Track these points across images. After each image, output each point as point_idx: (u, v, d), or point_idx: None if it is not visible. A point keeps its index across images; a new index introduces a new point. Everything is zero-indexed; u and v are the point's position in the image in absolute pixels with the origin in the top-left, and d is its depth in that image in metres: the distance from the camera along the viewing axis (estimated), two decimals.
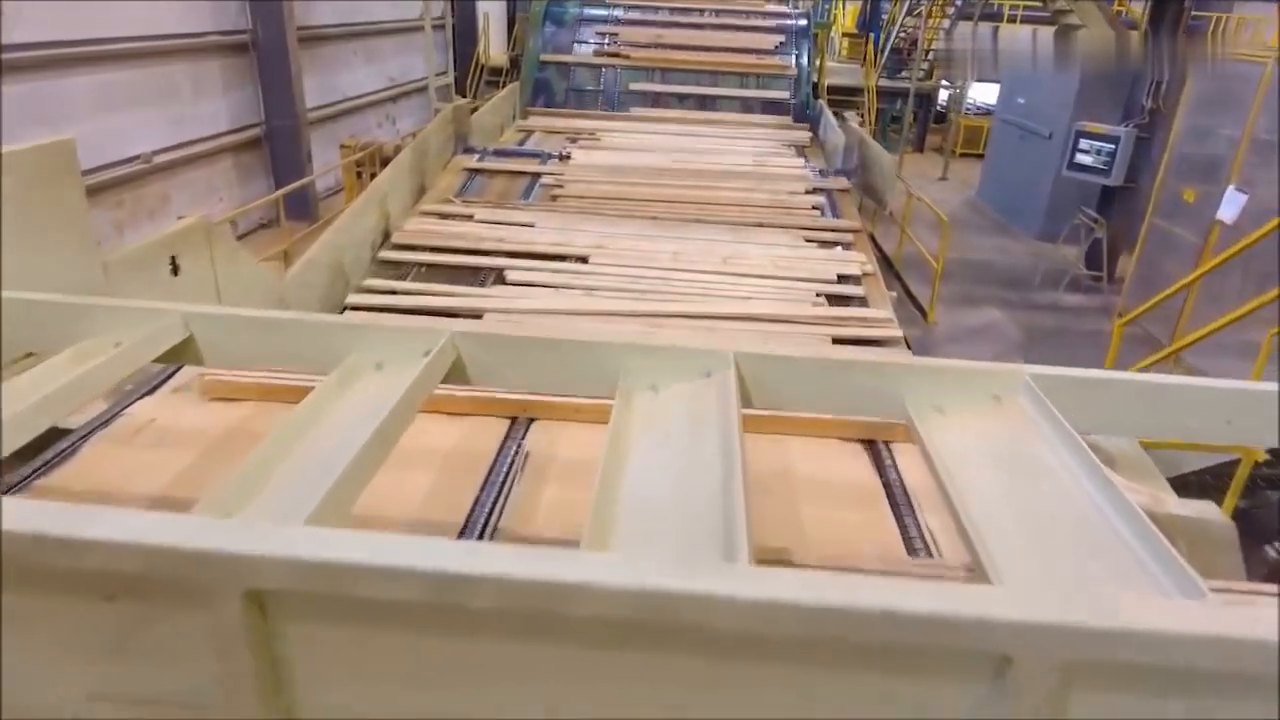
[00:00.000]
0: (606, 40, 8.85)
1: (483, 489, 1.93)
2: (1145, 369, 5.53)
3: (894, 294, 4.43)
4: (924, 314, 8.26)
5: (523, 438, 2.17)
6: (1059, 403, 1.48)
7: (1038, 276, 9.63)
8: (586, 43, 8.91)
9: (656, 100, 8.55)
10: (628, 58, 8.72)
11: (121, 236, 7.64)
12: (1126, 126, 8.83)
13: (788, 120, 8.45)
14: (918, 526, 1.84)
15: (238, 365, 1.61)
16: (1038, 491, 1.29)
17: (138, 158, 7.93)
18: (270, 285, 3.59)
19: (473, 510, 1.86)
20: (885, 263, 8.32)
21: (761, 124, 8.27)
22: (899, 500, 1.96)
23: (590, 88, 8.65)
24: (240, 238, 9.39)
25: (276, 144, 10.24)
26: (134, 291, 2.78)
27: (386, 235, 4.78)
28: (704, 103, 8.58)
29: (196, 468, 1.96)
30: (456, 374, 1.58)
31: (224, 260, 3.21)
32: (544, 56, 8.76)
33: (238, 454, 1.31)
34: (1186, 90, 7.70)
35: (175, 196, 8.67)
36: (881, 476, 2.12)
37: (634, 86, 8.61)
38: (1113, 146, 8.79)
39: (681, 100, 8.58)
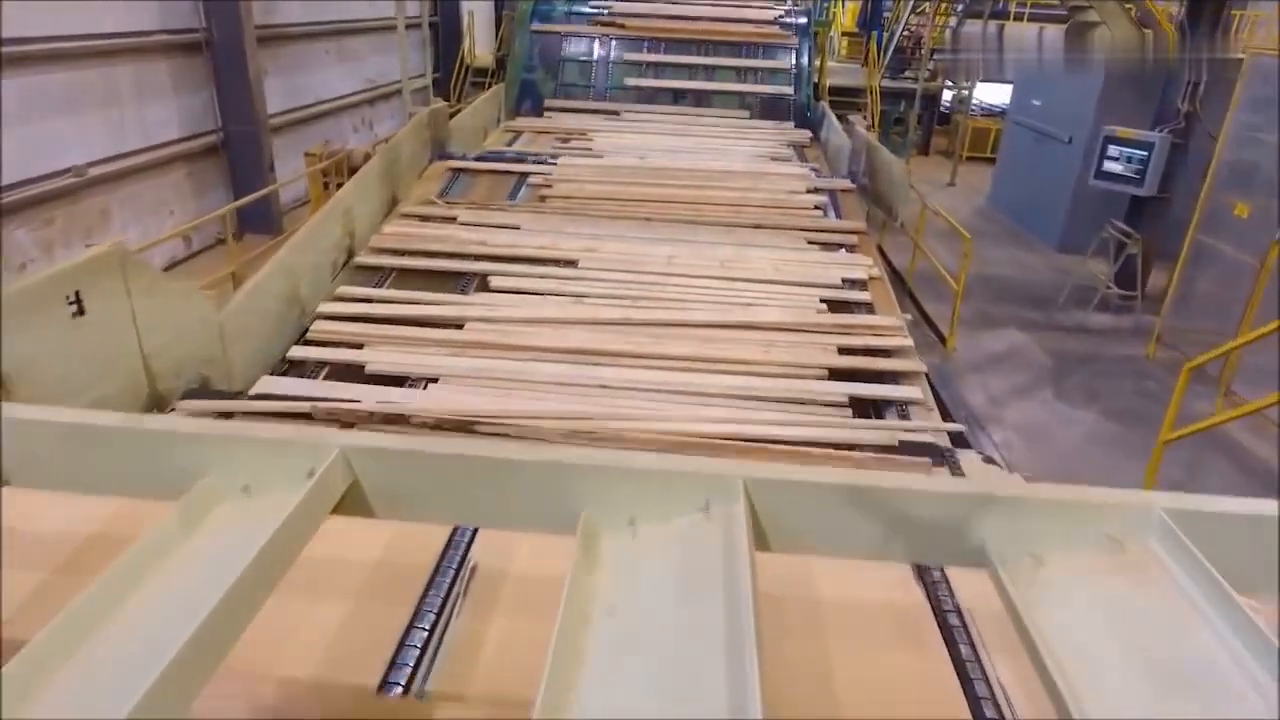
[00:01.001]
0: (602, 11, 8.44)
1: (411, 625, 1.47)
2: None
3: (909, 316, 3.99)
4: (942, 340, 7.49)
5: (470, 542, 1.71)
6: (1206, 547, 1.04)
7: (1062, 294, 8.84)
8: (579, 14, 8.49)
9: (656, 71, 8.12)
10: (623, 27, 8.28)
11: (51, 258, 6.93)
12: (1160, 132, 8.11)
13: (788, 94, 8.05)
14: (986, 681, 1.39)
15: (51, 486, 1.16)
16: (1201, 711, 0.85)
17: (70, 170, 7.24)
18: (206, 319, 3.13)
19: (396, 656, 1.41)
20: (898, 281, 7.84)
21: (760, 126, 7.81)
22: (954, 637, 1.51)
23: (581, 86, 8.17)
24: (194, 255, 8.79)
25: (235, 152, 9.37)
26: (25, 340, 2.34)
27: (351, 254, 4.32)
28: (701, 93, 8.12)
29: (38, 598, 1.50)
30: (353, 503, 1.13)
31: (143, 294, 2.75)
32: (535, 27, 8.28)
33: (98, 570, 0.91)
34: (1236, 93, 7.12)
35: (117, 211, 7.92)
36: (923, 585, 1.67)
37: (629, 57, 8.17)
38: (1145, 153, 8.07)
39: (678, 73, 8.15)
